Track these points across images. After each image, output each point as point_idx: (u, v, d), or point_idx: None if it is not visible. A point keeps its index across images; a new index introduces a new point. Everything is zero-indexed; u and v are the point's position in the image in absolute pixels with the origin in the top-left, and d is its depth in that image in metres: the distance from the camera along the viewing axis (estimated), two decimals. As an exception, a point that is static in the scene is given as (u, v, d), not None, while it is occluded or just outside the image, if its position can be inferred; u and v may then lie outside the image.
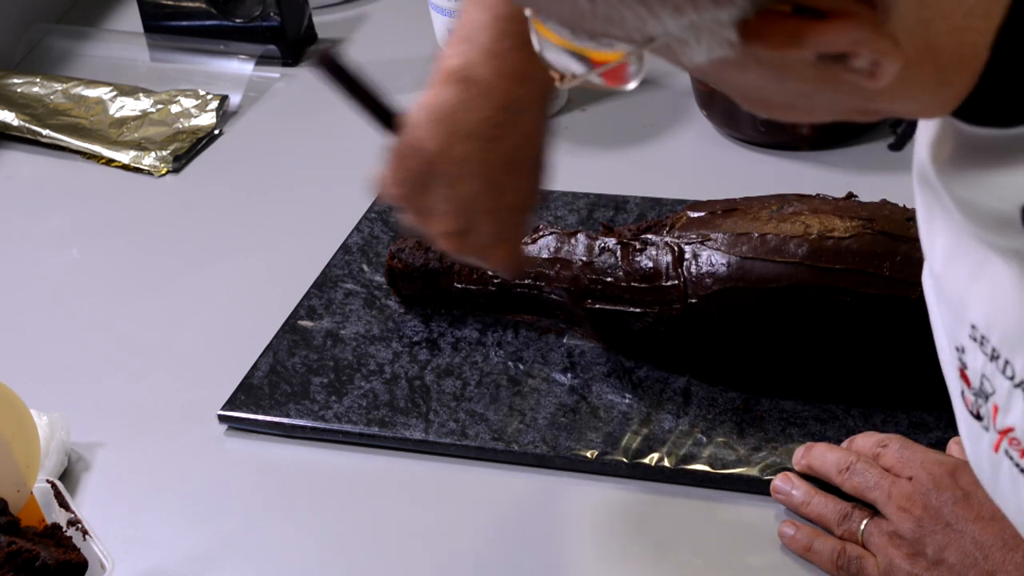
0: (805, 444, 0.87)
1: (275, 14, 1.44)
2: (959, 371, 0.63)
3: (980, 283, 0.60)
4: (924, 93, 0.54)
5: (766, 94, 0.55)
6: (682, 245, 0.95)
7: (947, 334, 0.65)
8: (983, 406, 0.61)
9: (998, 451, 0.61)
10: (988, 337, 0.60)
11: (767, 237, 0.93)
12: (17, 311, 1.17)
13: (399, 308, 1.07)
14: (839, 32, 0.49)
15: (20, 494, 0.86)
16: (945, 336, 0.65)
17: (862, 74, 0.50)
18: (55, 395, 1.03)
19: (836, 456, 0.84)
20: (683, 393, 0.95)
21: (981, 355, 0.61)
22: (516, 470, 0.93)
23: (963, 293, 0.62)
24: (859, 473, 0.83)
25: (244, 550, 0.91)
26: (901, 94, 0.53)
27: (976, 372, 0.61)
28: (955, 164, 0.58)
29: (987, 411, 0.61)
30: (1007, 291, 0.58)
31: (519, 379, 0.99)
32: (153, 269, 1.19)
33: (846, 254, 0.91)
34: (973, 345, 0.61)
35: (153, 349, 1.09)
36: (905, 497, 0.79)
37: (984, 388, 0.61)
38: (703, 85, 1.19)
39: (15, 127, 1.38)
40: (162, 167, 1.31)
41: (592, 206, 1.15)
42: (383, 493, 0.94)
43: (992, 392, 0.60)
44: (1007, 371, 0.59)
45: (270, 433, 0.99)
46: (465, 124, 0.78)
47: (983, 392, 0.61)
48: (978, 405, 0.62)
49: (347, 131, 1.34)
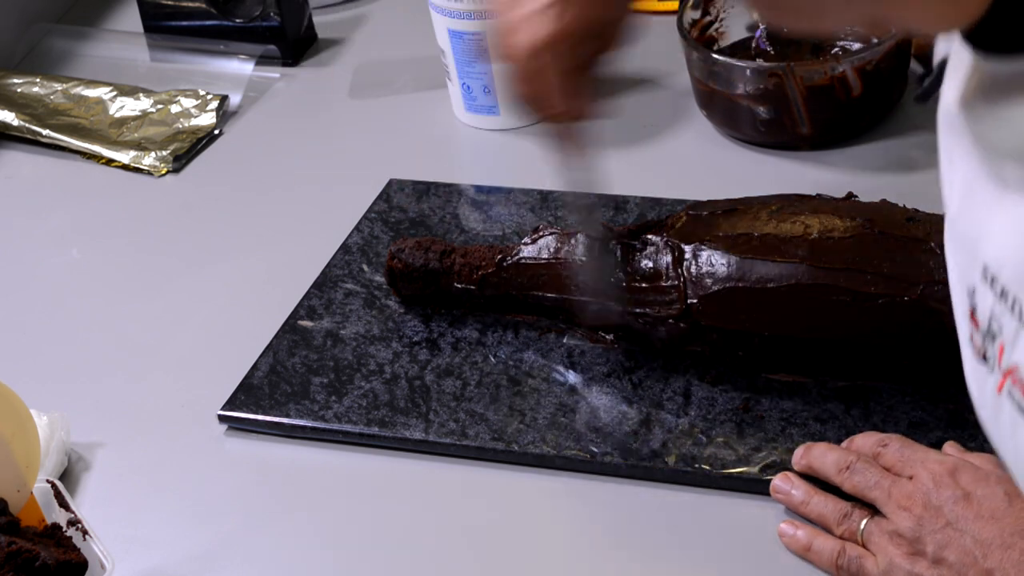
0: (805, 444, 0.87)
1: (275, 14, 1.44)
2: (969, 314, 0.64)
3: (994, 221, 0.61)
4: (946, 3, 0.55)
5: None
6: (682, 245, 0.95)
7: (960, 277, 0.66)
8: (990, 347, 0.62)
9: (1000, 392, 0.61)
10: (998, 276, 0.61)
11: (767, 237, 0.93)
12: (17, 311, 1.17)
13: (399, 308, 1.07)
14: None
15: (20, 494, 0.86)
16: (958, 280, 0.66)
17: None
18: (55, 395, 1.03)
19: (836, 456, 0.84)
20: (683, 393, 0.95)
21: (991, 295, 0.61)
22: (516, 470, 0.93)
23: (977, 233, 0.62)
24: (859, 472, 0.83)
25: (244, 550, 0.91)
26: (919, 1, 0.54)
27: (985, 313, 0.62)
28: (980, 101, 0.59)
29: (993, 352, 0.62)
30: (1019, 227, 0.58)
31: (519, 379, 0.99)
32: (153, 269, 1.19)
33: (846, 254, 0.91)
34: (984, 286, 0.62)
35: (153, 349, 1.09)
36: (905, 496, 0.79)
37: (992, 328, 0.62)
38: (703, 85, 1.19)
39: (15, 127, 1.38)
40: (162, 167, 1.31)
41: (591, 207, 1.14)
42: (383, 493, 0.94)
43: (999, 331, 0.61)
44: (1015, 309, 0.60)
45: (270, 433, 0.99)
46: None
47: (991, 333, 0.62)
48: (985, 347, 0.62)
49: (347, 131, 1.35)
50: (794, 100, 1.14)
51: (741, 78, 1.15)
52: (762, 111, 1.16)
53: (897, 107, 1.19)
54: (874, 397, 0.92)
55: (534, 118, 0.88)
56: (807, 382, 0.94)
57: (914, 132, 1.17)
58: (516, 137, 1.28)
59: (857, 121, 1.17)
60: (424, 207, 1.18)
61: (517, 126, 1.28)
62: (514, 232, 1.13)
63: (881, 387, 0.92)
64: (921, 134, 1.17)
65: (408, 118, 1.34)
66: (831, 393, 0.93)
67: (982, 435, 0.87)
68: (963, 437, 0.88)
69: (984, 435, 0.88)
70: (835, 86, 1.13)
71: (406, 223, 1.16)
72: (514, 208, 1.16)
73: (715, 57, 1.17)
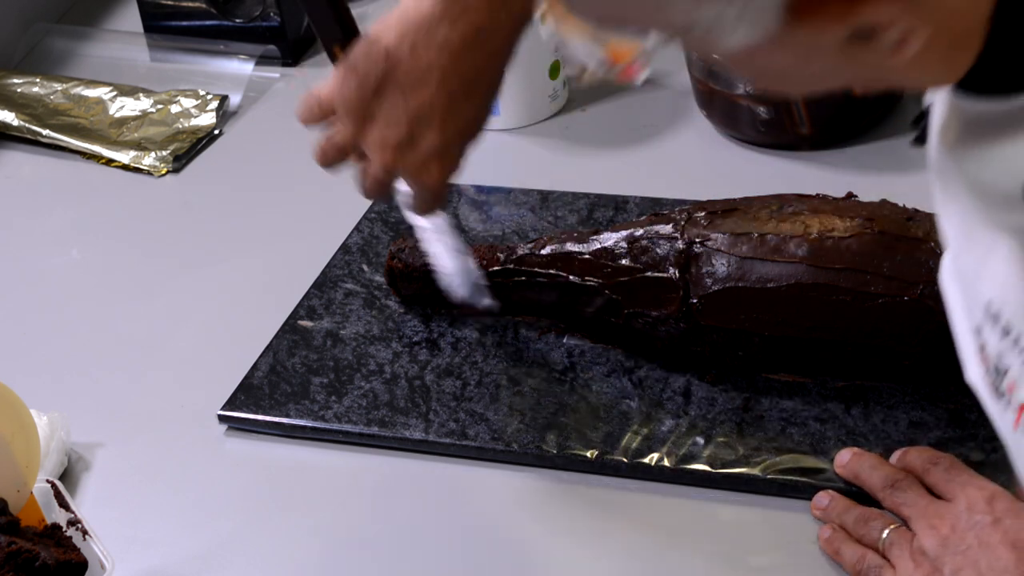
0: (854, 450, 0.87)
1: (275, 14, 1.44)
2: (979, 351, 0.64)
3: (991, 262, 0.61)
4: (935, 63, 0.55)
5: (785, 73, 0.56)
6: (682, 245, 0.95)
7: (967, 316, 0.65)
8: (1000, 384, 0.62)
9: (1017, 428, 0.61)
10: (1001, 314, 0.61)
11: (767, 237, 0.93)
12: (17, 311, 1.17)
13: (399, 308, 1.07)
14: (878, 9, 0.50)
15: (20, 494, 0.86)
16: (966, 319, 0.66)
17: (887, 50, 0.52)
18: (55, 395, 1.03)
19: (884, 472, 0.84)
20: (683, 393, 0.95)
21: (996, 333, 0.61)
22: (516, 470, 0.93)
23: (977, 273, 0.62)
24: (901, 491, 0.83)
25: (244, 550, 0.91)
26: (915, 66, 0.54)
27: (993, 351, 0.62)
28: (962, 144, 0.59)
29: (1005, 388, 0.62)
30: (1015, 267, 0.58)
31: (519, 379, 0.99)
32: (153, 269, 1.19)
33: (846, 254, 0.91)
34: (988, 324, 0.62)
35: (153, 349, 1.09)
36: (937, 516, 0.79)
37: (1000, 366, 0.61)
38: (703, 85, 1.19)
39: (15, 127, 1.38)
40: (162, 167, 1.31)
41: (592, 206, 1.15)
42: (383, 493, 0.94)
43: (1007, 369, 0.61)
44: (1018, 345, 0.60)
45: (270, 433, 0.99)
46: (438, 36, 0.79)
47: (999, 370, 0.62)
48: (996, 384, 0.62)
49: (347, 131, 1.35)
50: (794, 100, 1.14)
51: (741, 78, 1.15)
52: (762, 111, 1.16)
53: (897, 107, 1.19)
54: (874, 397, 0.92)
55: None
56: (807, 382, 0.94)
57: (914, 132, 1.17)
58: (516, 137, 1.28)
59: (857, 121, 1.17)
60: (424, 207, 1.18)
61: (517, 126, 1.28)
62: (514, 232, 1.13)
63: (881, 387, 0.92)
64: (921, 134, 1.17)
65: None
66: (831, 393, 0.93)
67: (981, 434, 0.88)
68: (963, 437, 0.88)
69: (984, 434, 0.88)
70: (835, 86, 1.13)
71: (406, 223, 1.16)
72: (514, 208, 1.16)
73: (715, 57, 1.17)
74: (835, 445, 0.89)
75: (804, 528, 0.85)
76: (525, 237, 1.12)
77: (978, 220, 0.61)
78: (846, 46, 0.52)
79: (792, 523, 0.86)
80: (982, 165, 0.58)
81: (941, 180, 0.65)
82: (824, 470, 0.88)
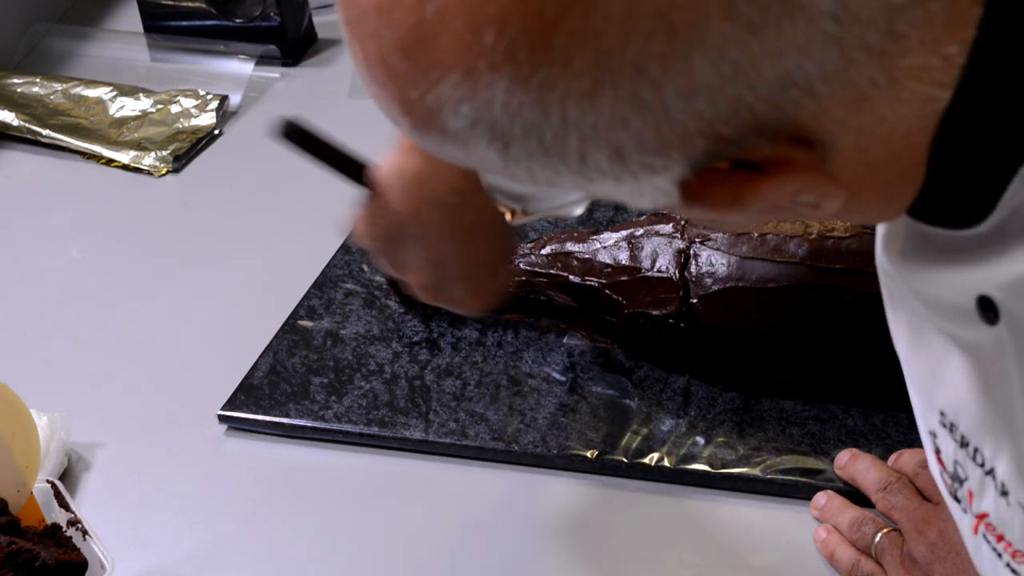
0: (852, 451, 0.87)
1: (275, 14, 1.44)
2: (935, 454, 0.63)
3: (944, 372, 0.59)
4: (871, 208, 0.53)
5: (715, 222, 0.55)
6: (682, 245, 0.95)
7: (921, 417, 0.64)
8: (959, 490, 0.61)
9: (977, 534, 0.61)
10: (956, 424, 0.59)
11: (767, 237, 0.93)
12: (17, 311, 1.17)
13: (399, 308, 1.07)
14: (780, 186, 0.48)
15: (20, 494, 0.86)
16: (920, 419, 0.65)
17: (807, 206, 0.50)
18: (55, 395, 1.03)
19: (878, 474, 0.85)
20: (683, 393, 0.95)
21: (952, 441, 0.60)
22: (516, 470, 0.93)
23: (929, 381, 0.61)
24: (893, 493, 0.83)
25: (244, 550, 0.91)
26: (848, 212, 0.52)
27: (949, 457, 0.61)
28: (907, 257, 0.57)
29: (963, 495, 0.61)
30: (969, 382, 0.57)
31: (519, 379, 0.99)
32: (153, 269, 1.19)
33: (846, 254, 0.91)
34: (944, 431, 0.61)
35: (153, 349, 1.09)
36: (924, 520, 0.79)
37: (958, 473, 0.61)
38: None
39: (15, 127, 1.38)
40: (162, 167, 1.31)
41: (592, 206, 1.15)
42: (383, 493, 0.94)
43: (965, 478, 0.60)
44: (977, 458, 0.59)
45: (270, 433, 0.99)
46: (432, 191, 0.79)
47: (957, 477, 0.61)
48: (954, 488, 0.62)
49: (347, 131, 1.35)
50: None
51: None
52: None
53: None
54: (874, 397, 0.92)
55: None
56: (807, 382, 0.94)
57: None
58: (516, 137, 1.28)
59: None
60: (424, 207, 1.18)
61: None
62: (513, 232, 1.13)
63: (881, 387, 0.92)
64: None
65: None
66: (831, 393, 0.93)
67: (982, 435, 0.88)
68: (963, 437, 0.88)
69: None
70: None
71: (406, 223, 1.16)
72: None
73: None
74: (835, 445, 0.89)
75: (804, 528, 0.85)
76: (525, 237, 1.12)
77: (928, 326, 0.60)
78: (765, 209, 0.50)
79: (792, 523, 0.86)
80: (931, 281, 0.56)
81: (887, 283, 0.63)
82: (824, 470, 0.88)
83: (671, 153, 0.46)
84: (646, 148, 0.46)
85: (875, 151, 0.49)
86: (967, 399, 0.58)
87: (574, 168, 0.47)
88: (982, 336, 0.54)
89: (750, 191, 0.48)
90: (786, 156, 0.47)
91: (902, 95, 0.47)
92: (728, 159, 0.47)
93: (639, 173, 0.47)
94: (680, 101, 0.45)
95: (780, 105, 0.46)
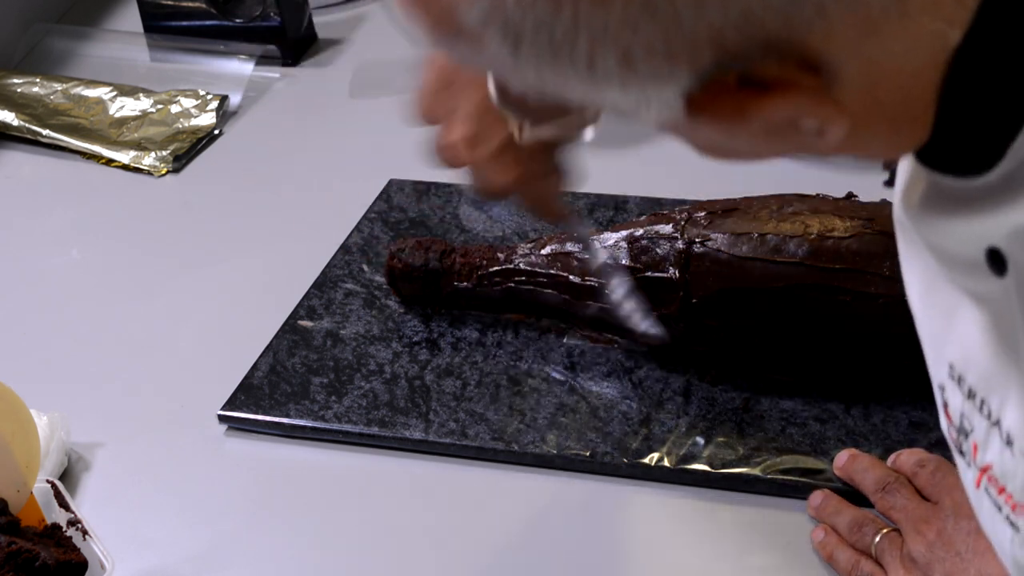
0: (850, 451, 0.87)
1: (275, 14, 1.44)
2: (943, 408, 0.63)
3: (954, 324, 0.60)
4: (876, 143, 0.54)
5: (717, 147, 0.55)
6: (682, 245, 0.95)
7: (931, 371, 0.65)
8: (964, 443, 0.62)
9: (979, 487, 0.61)
10: (964, 376, 0.60)
11: (767, 237, 0.93)
12: (17, 311, 1.17)
13: (399, 308, 1.07)
14: (782, 105, 0.49)
15: (20, 494, 0.86)
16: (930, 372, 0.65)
17: (811, 134, 0.50)
18: (55, 395, 1.03)
19: (877, 474, 0.85)
20: (683, 393, 0.95)
21: (959, 394, 0.61)
22: (516, 470, 0.93)
23: (939, 333, 0.62)
24: (892, 493, 0.83)
25: (244, 550, 0.91)
26: (853, 146, 0.53)
27: (956, 410, 0.62)
28: (924, 209, 0.58)
29: (968, 448, 0.61)
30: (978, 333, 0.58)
31: (519, 379, 0.99)
32: (153, 269, 1.19)
33: (846, 254, 0.91)
34: (952, 384, 0.61)
35: (153, 349, 1.09)
36: (923, 520, 0.79)
37: (964, 426, 0.61)
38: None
39: (15, 127, 1.38)
40: (162, 167, 1.31)
41: (592, 206, 1.15)
42: (383, 493, 0.94)
43: (971, 430, 0.60)
44: (983, 410, 0.59)
45: (270, 433, 0.99)
46: None
47: (963, 430, 0.61)
48: (960, 442, 0.62)
49: (347, 131, 1.35)
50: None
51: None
52: (762, 111, 1.16)
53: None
54: (874, 397, 0.92)
55: None
56: (807, 382, 0.94)
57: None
58: (516, 137, 1.28)
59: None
60: (424, 207, 1.18)
61: (517, 126, 1.28)
62: (514, 232, 1.13)
63: (881, 387, 0.92)
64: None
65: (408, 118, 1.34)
66: (831, 393, 0.93)
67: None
68: (963, 437, 0.88)
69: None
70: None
71: (406, 223, 1.16)
72: (514, 208, 1.16)
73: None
74: (835, 445, 0.89)
75: (803, 528, 0.85)
76: (525, 237, 1.12)
77: (941, 279, 0.60)
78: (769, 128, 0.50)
79: (791, 523, 0.86)
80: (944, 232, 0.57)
81: (903, 236, 0.64)
82: (824, 470, 0.88)
83: (679, 63, 0.47)
84: (655, 55, 0.47)
85: (883, 85, 0.50)
86: (976, 351, 0.58)
87: (582, 73, 0.48)
88: (991, 288, 0.55)
89: (754, 106, 0.49)
90: (793, 78, 0.48)
91: (912, 29, 0.48)
92: (735, 73, 0.48)
93: (646, 82, 0.48)
94: (692, 9, 0.45)
95: (791, 22, 0.46)
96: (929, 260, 0.60)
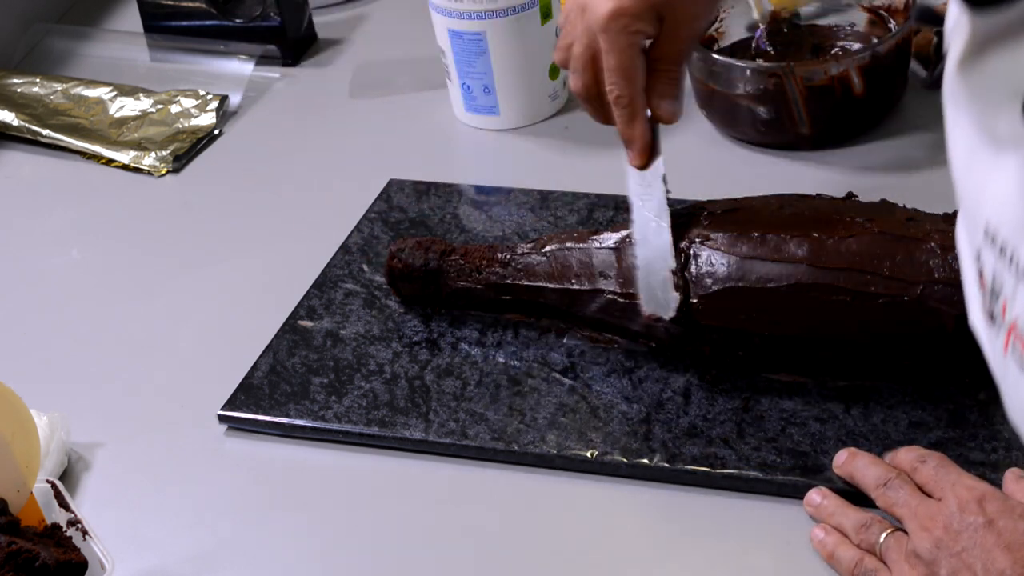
0: (849, 450, 0.87)
1: (275, 14, 1.44)
2: (978, 277, 0.64)
3: (992, 183, 0.62)
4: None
5: None
6: (682, 245, 0.95)
7: (968, 243, 0.67)
8: (995, 306, 0.63)
9: (1006, 354, 0.62)
10: (997, 233, 0.62)
11: (767, 237, 0.93)
12: (17, 311, 1.17)
13: (399, 308, 1.07)
14: None
15: (20, 494, 0.86)
16: (967, 246, 0.67)
17: None
18: (55, 395, 1.03)
19: (877, 471, 0.84)
20: (683, 393, 0.95)
21: (992, 254, 0.62)
22: (516, 470, 0.93)
23: (978, 195, 0.64)
24: (893, 489, 0.83)
25: (244, 550, 0.91)
26: None
27: (989, 273, 0.63)
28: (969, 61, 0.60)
29: (998, 311, 0.63)
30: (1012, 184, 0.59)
31: (519, 379, 0.99)
32: (153, 269, 1.19)
33: (846, 254, 0.91)
34: (987, 246, 0.63)
35: (153, 349, 1.09)
36: (928, 516, 0.79)
37: (995, 288, 0.63)
38: (703, 85, 1.19)
39: (15, 127, 1.38)
40: (162, 167, 1.32)
41: (592, 206, 1.15)
42: (383, 493, 0.94)
43: (1001, 289, 0.62)
44: (1012, 263, 0.60)
45: (270, 433, 0.99)
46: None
47: (995, 292, 0.63)
48: (992, 307, 0.63)
49: (347, 131, 1.35)
50: (794, 100, 1.14)
51: (741, 78, 1.15)
52: (762, 111, 1.16)
53: (897, 107, 1.19)
54: (874, 397, 0.92)
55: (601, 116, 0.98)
56: (807, 382, 0.94)
57: (914, 132, 1.17)
58: (516, 137, 1.28)
59: (857, 121, 1.17)
60: (424, 207, 1.18)
61: (517, 126, 1.28)
62: (514, 232, 1.13)
63: (881, 387, 0.92)
64: (921, 134, 1.17)
65: (408, 118, 1.34)
66: (831, 393, 0.93)
67: (981, 434, 0.88)
68: (963, 437, 0.88)
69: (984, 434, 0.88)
70: (835, 86, 1.13)
71: (406, 223, 1.16)
72: (514, 208, 1.16)
73: (715, 57, 1.17)
74: (835, 445, 0.89)
75: (803, 528, 0.85)
76: (525, 237, 1.12)
77: (981, 142, 0.62)
78: None
79: (791, 523, 0.86)
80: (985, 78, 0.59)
81: (951, 107, 0.66)
82: (824, 470, 0.88)
83: None
84: None
85: None
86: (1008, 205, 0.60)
87: None
88: None
89: None
90: None
91: None
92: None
93: None
94: None
95: None
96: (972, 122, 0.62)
